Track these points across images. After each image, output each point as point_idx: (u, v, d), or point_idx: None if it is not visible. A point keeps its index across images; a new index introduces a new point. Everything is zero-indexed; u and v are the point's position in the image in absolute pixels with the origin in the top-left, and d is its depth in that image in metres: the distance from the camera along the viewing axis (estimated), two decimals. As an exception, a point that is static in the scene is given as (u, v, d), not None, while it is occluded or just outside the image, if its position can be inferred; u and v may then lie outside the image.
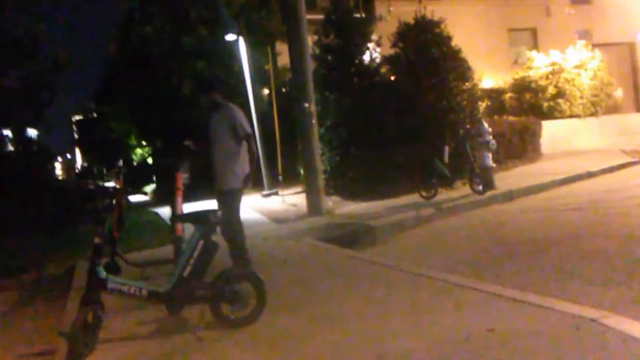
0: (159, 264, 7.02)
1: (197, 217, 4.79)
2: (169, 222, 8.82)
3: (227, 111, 6.51)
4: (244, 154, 6.53)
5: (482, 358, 3.52)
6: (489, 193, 11.12)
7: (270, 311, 4.84)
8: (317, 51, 14.22)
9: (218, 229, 5.80)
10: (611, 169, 13.42)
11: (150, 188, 31.48)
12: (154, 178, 29.51)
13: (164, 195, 19.82)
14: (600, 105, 20.01)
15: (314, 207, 11.26)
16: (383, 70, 14.54)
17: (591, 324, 3.80)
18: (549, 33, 23.38)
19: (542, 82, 19.71)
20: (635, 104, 25.11)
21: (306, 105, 11.16)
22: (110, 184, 6.94)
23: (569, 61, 19.89)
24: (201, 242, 4.58)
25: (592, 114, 19.80)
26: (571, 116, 19.47)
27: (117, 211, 6.59)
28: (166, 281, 4.70)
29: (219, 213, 5.16)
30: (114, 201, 4.80)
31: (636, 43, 24.79)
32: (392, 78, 14.43)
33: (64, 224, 15.52)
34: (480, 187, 11.23)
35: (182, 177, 6.82)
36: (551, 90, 19.53)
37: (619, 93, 21.43)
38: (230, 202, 6.49)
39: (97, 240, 4.37)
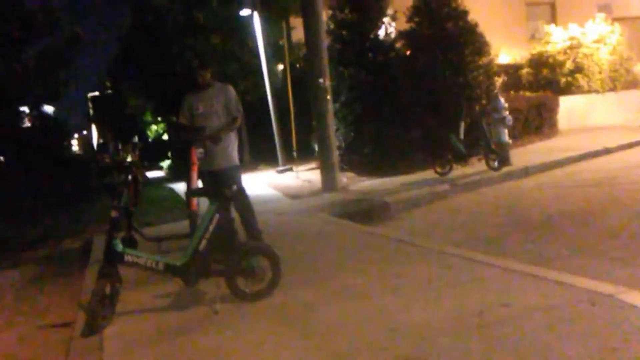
0: (175, 238, 7.07)
1: (212, 192, 4.82)
2: (184, 197, 8.88)
3: (222, 89, 6.52)
4: (235, 133, 6.61)
5: (496, 333, 3.52)
6: (504, 169, 11.04)
7: (285, 285, 4.87)
8: (332, 26, 14.09)
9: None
10: (629, 145, 13.25)
11: (165, 164, 31.61)
12: (169, 154, 29.65)
13: (180, 171, 19.96)
14: (619, 81, 19.68)
15: (328, 183, 11.26)
16: (398, 45, 14.39)
17: (607, 300, 3.79)
18: (568, 6, 22.97)
19: (560, 57, 19.41)
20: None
21: (321, 80, 11.10)
22: (127, 159, 6.95)
23: (588, 35, 19.55)
24: (216, 216, 4.61)
25: (611, 90, 19.50)
26: (589, 92, 19.20)
27: (133, 186, 6.63)
28: (182, 255, 4.74)
29: (234, 187, 5.18)
30: (130, 176, 4.83)
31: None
32: (408, 53, 14.29)
33: (82, 199, 15.71)
34: (496, 163, 11.15)
35: (197, 152, 6.82)
36: (569, 65, 19.23)
37: (638, 68, 21.05)
38: (238, 177, 6.52)
39: (113, 214, 4.42)
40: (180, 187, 14.44)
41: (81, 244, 9.30)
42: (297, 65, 19.43)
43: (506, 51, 20.49)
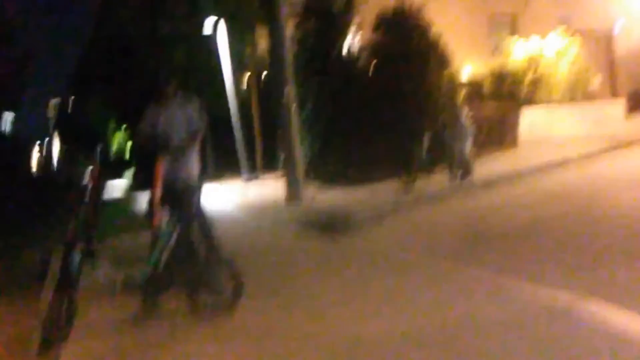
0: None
1: (171, 205, 4.76)
2: (147, 209, 8.75)
3: (185, 100, 6.45)
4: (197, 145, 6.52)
5: (455, 343, 3.55)
6: (467, 180, 11.18)
7: (248, 298, 4.83)
8: (298, 36, 14.11)
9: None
10: (588, 156, 13.53)
11: (129, 172, 31.21)
12: (133, 162, 29.27)
13: (144, 180, 19.68)
14: (578, 93, 20.12)
15: (293, 193, 11.25)
16: (363, 56, 14.48)
17: (565, 309, 3.86)
18: (529, 19, 23.40)
19: (521, 70, 19.77)
20: (612, 90, 25.31)
21: (285, 90, 11.10)
22: (88, 171, 6.82)
23: (548, 48, 19.96)
24: (177, 231, 4.56)
25: (571, 101, 19.91)
26: (549, 103, 19.57)
27: (94, 198, 6.51)
28: (141, 269, 4.66)
29: (194, 200, 5.13)
30: (88, 189, 4.75)
31: (614, 31, 24.95)
32: (373, 65, 14.39)
33: (40, 214, 15.37)
34: (459, 174, 11.28)
35: (161, 163, 6.71)
36: (530, 77, 19.60)
37: (597, 80, 21.57)
38: (198, 189, 6.44)
39: (71, 228, 4.33)
40: (144, 196, 14.23)
41: (39, 258, 9.08)
42: (263, 76, 19.39)
43: (469, 63, 20.76)
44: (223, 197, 13.18)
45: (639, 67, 23.47)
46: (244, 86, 19.57)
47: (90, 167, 7.03)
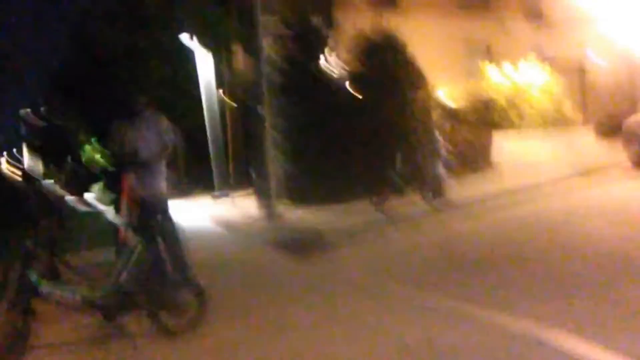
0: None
1: (137, 223, 4.65)
2: (112, 223, 8.56)
3: (154, 116, 6.38)
4: (164, 162, 6.44)
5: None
6: (439, 202, 11.19)
7: (211, 318, 4.73)
8: (275, 57, 14.09)
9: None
10: (560, 182, 13.67)
11: (97, 185, 30.68)
12: (102, 176, 28.81)
13: (114, 195, 19.34)
14: (551, 120, 20.45)
15: (266, 213, 11.16)
16: (340, 78, 14.51)
17: (525, 337, 3.85)
18: (502, 46, 23.79)
19: (497, 98, 20.02)
20: (584, 118, 25.78)
21: (260, 109, 11.06)
22: (52, 183, 6.67)
23: (521, 75, 20.30)
24: (139, 248, 4.44)
25: (544, 128, 20.21)
26: (524, 129, 19.83)
27: (57, 212, 6.35)
28: (102, 287, 4.53)
29: (159, 217, 5.02)
30: (49, 202, 4.62)
31: (586, 60, 25.47)
32: (347, 85, 14.43)
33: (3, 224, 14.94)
34: (431, 196, 11.29)
35: (128, 178, 6.59)
36: (504, 104, 19.87)
37: (569, 108, 21.95)
38: (165, 206, 6.33)
39: (28, 243, 4.18)
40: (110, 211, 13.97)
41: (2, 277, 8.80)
42: (238, 92, 19.36)
43: (445, 87, 20.97)
44: (192, 214, 13.02)
45: (611, 95, 23.95)
46: (219, 102, 19.48)
47: (58, 179, 6.87)
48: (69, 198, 7.21)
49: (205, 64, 17.34)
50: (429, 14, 22.89)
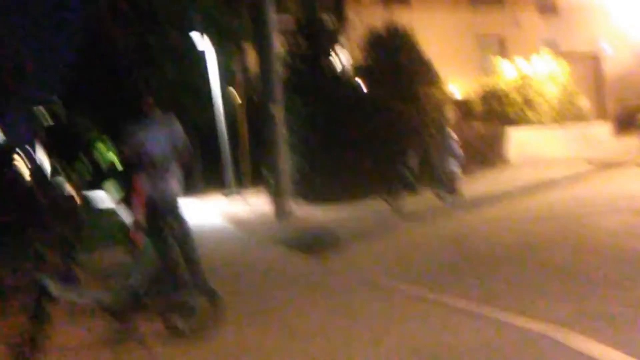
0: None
1: (147, 225, 4.63)
2: (127, 225, 8.56)
3: (166, 118, 6.32)
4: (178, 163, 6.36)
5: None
6: (452, 199, 11.12)
7: (227, 322, 4.70)
8: (286, 55, 14.08)
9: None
10: (575, 177, 13.55)
11: (109, 184, 30.87)
12: (115, 174, 28.96)
13: (125, 194, 19.43)
14: (566, 114, 20.23)
15: (278, 211, 11.14)
16: (351, 75, 14.47)
17: (540, 339, 3.79)
18: (516, 40, 23.59)
19: (509, 92, 19.82)
20: (599, 112, 25.52)
21: (272, 107, 11.02)
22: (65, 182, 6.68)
23: (536, 70, 20.07)
24: (153, 253, 4.43)
25: (558, 123, 20.01)
26: (538, 124, 19.65)
27: (74, 216, 6.35)
28: (119, 290, 4.52)
29: (172, 220, 5.00)
30: (59, 204, 4.62)
31: (600, 53, 25.21)
32: (360, 83, 14.38)
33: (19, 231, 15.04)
34: (445, 193, 11.22)
35: (140, 179, 6.57)
36: (518, 99, 19.67)
37: (584, 102, 21.73)
38: (178, 208, 6.29)
39: (38, 245, 4.19)
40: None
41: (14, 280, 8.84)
42: (253, 93, 19.38)
43: (457, 82, 20.84)
44: (205, 213, 13.03)
45: (625, 89, 23.69)
46: (232, 101, 19.50)
47: (71, 179, 6.88)
48: (87, 194, 7.19)
49: (216, 62, 17.34)
50: (440, 9, 22.76)
